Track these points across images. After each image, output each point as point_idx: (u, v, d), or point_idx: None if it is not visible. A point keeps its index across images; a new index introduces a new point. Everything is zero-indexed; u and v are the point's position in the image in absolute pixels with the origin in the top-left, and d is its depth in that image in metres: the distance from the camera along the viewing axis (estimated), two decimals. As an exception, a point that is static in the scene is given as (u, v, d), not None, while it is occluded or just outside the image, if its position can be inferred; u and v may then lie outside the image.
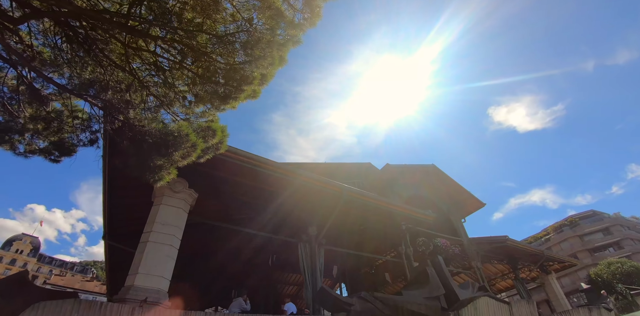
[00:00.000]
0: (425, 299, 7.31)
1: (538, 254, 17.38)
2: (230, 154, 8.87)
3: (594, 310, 12.99)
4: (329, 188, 10.45)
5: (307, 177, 9.92)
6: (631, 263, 21.16)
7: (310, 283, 9.77)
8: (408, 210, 11.96)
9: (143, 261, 7.14)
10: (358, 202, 11.13)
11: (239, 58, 5.64)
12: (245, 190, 11.04)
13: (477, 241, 16.50)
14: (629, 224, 46.43)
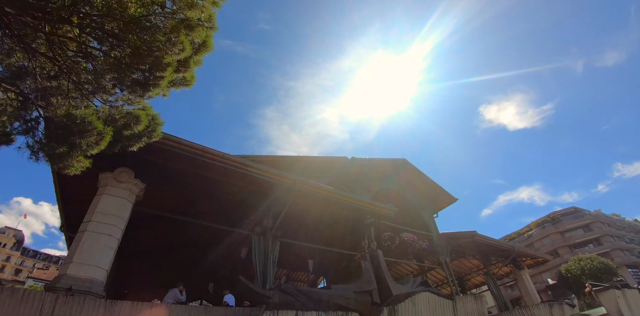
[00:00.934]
0: (354, 293, 6.95)
1: (509, 250, 17.11)
2: (172, 143, 8.46)
3: (555, 306, 12.71)
4: (281, 180, 10.09)
5: (256, 168, 9.52)
6: (600, 260, 20.95)
7: (260, 275, 9.47)
8: (369, 204, 11.56)
9: (78, 250, 6.87)
10: (313, 195, 10.75)
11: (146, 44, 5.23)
12: (202, 182, 10.65)
13: (446, 236, 16.17)
14: (609, 221, 46.51)
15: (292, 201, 10.32)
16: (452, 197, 17.43)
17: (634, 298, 13.84)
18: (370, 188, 15.30)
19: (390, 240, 14.06)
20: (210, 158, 9.10)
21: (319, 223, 13.31)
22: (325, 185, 11.76)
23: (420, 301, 7.74)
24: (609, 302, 12.61)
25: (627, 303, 13.18)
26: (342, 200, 10.98)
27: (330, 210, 12.40)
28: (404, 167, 16.33)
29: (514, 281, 21.23)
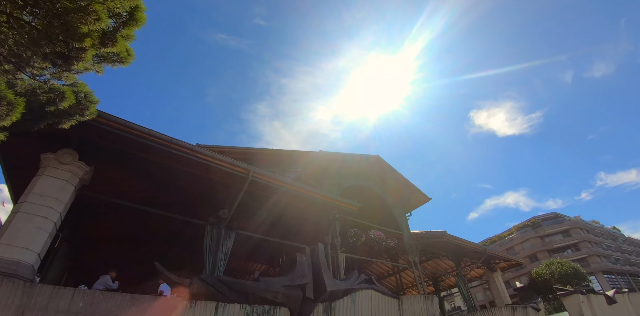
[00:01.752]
0: (284, 287, 6.40)
1: (480, 251, 16.70)
2: (113, 124, 7.88)
3: (519, 309, 12.29)
4: (235, 170, 9.54)
5: (206, 155, 8.94)
6: (571, 264, 20.72)
7: (210, 266, 8.95)
8: (329, 198, 11.02)
9: (8, 231, 6.38)
10: (270, 186, 10.20)
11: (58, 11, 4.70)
12: (158, 170, 10.08)
13: (417, 235, 15.71)
14: (587, 227, 46.60)
15: (249, 191, 9.83)
16: (425, 196, 16.98)
17: (599, 304, 13.48)
18: (341, 184, 14.78)
19: (355, 236, 13.56)
20: (159, 142, 8.52)
21: (281, 216, 12.76)
22: (292, 179, 11.25)
23: (361, 298, 7.22)
24: (572, 307, 12.23)
25: (592, 308, 12.80)
26: (299, 192, 10.43)
27: (294, 203, 11.87)
28: (377, 164, 15.84)
29: (486, 283, 20.82)
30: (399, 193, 16.86)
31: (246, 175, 9.62)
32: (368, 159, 15.43)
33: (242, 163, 9.86)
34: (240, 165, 9.70)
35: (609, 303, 14.12)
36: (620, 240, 53.50)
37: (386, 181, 16.40)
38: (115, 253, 15.90)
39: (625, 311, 14.75)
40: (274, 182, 10.24)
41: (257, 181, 9.96)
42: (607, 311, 13.68)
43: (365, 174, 15.87)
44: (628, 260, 50.05)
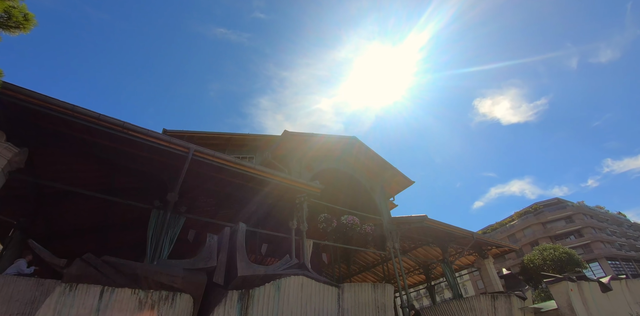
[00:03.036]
0: (185, 271, 5.24)
1: (467, 236, 15.33)
2: (31, 99, 7.00)
3: (501, 297, 10.98)
4: (173, 148, 8.44)
5: (140, 132, 7.91)
6: (564, 250, 19.18)
7: (151, 251, 7.97)
8: (287, 179, 9.82)
9: None
10: (217, 167, 9.08)
11: None
12: (102, 151, 9.07)
13: (397, 221, 14.42)
14: (591, 213, 44.61)
15: (198, 173, 9.11)
16: (407, 179, 15.64)
17: (592, 292, 12.08)
18: (312, 167, 13.53)
19: (326, 221, 12.34)
20: (84, 119, 7.71)
21: (242, 201, 11.60)
22: (257, 164, 10.10)
23: (289, 286, 6.05)
24: (559, 295, 10.88)
25: (582, 296, 11.42)
26: (250, 173, 9.26)
27: (254, 187, 10.72)
28: (355, 146, 14.51)
29: (478, 271, 19.48)
30: (378, 177, 15.55)
31: (186, 153, 8.62)
32: (343, 141, 14.11)
33: (181, 141, 8.83)
34: (179, 143, 8.67)
35: (603, 290, 12.71)
36: (626, 226, 51.37)
37: (364, 164, 15.08)
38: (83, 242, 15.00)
39: (621, 299, 13.32)
40: (217, 161, 9.13)
41: (200, 160, 8.92)
42: (601, 299, 12.28)
43: (341, 157, 14.58)
44: (633, 246, 48.01)
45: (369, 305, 6.99)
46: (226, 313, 5.71)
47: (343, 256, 22.08)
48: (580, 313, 10.63)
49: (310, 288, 6.44)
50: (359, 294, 6.98)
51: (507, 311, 11.09)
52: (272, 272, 6.09)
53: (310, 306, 6.31)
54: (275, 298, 6.04)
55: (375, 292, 7.17)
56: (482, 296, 10.52)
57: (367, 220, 14.56)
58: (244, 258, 6.00)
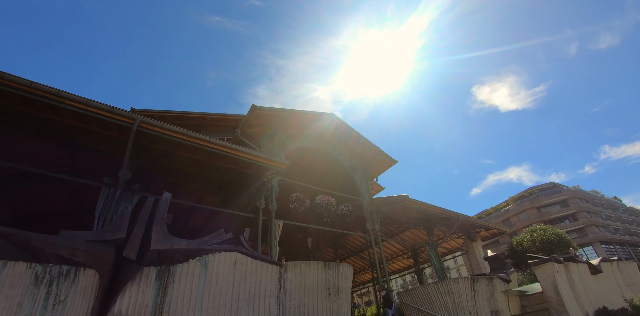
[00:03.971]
0: (88, 243, 4.31)
1: (453, 218, 14.39)
2: None
3: (482, 280, 10.08)
4: (117, 119, 7.49)
5: (78, 101, 7.05)
6: (554, 231, 18.22)
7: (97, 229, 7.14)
8: (246, 153, 8.81)
9: None
10: (163, 138, 8.12)
11: None
12: (48, 127, 8.17)
13: (378, 202, 13.47)
14: (586, 197, 43.61)
15: (150, 148, 8.43)
16: (390, 158, 14.62)
17: (581, 274, 11.18)
18: (286, 145, 12.51)
19: (297, 201, 11.39)
20: (15, 87, 6.66)
21: (204, 180, 10.65)
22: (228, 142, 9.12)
23: (218, 263, 5.16)
24: (544, 278, 9.97)
25: (570, 279, 10.52)
26: (203, 146, 8.30)
27: (218, 164, 9.76)
28: (333, 123, 13.44)
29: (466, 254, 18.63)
30: (358, 156, 14.53)
31: (131, 125, 7.62)
32: (320, 118, 13.03)
33: (126, 111, 7.81)
34: (123, 113, 7.70)
35: (593, 272, 11.81)
36: (621, 210, 50.42)
37: (344, 143, 14.05)
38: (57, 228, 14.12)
39: (612, 281, 12.43)
40: (167, 133, 8.14)
41: (147, 132, 7.94)
42: (590, 282, 11.38)
43: (318, 135, 13.53)
44: (628, 230, 47.17)
45: (318, 287, 6.09)
46: (141, 291, 4.82)
47: (329, 241, 21.27)
48: (566, 296, 9.74)
49: (246, 266, 5.53)
50: (307, 274, 6.08)
51: (488, 295, 10.21)
52: (197, 247, 5.16)
53: (244, 286, 5.42)
54: (201, 276, 5.14)
55: (326, 272, 6.26)
56: (460, 279, 9.61)
57: (347, 201, 13.62)
58: (162, 230, 5.07)
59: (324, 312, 5.99)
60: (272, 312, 5.58)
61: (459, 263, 46.71)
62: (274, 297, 5.70)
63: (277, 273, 5.86)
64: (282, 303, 5.73)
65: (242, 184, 10.80)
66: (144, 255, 4.74)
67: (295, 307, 5.82)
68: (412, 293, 10.13)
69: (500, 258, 12.61)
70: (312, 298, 5.99)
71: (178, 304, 5.03)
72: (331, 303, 6.15)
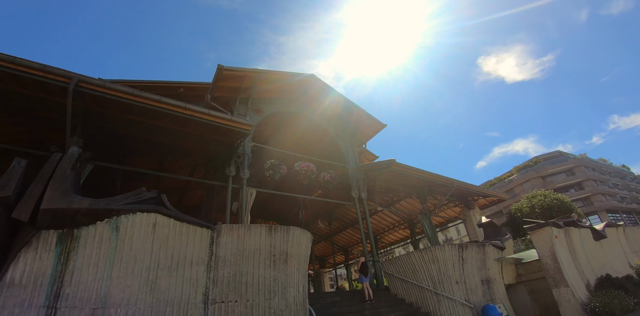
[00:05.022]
0: None
1: (446, 184, 13.20)
2: None
3: (471, 247, 9.03)
4: (51, 79, 6.44)
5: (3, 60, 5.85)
6: (555, 196, 16.87)
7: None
8: (207, 115, 7.70)
9: None
10: (118, 102, 7.13)
11: None
12: None
13: (365, 168, 12.32)
14: (593, 165, 41.74)
15: (103, 114, 7.57)
16: (378, 122, 13.33)
17: (583, 240, 10.03)
18: (261, 109, 11.30)
19: (273, 168, 10.30)
20: None
21: (166, 146, 9.60)
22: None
23: (134, 225, 4.22)
24: (541, 243, 8.85)
25: (570, 245, 9.39)
26: (153, 106, 7.22)
27: (181, 129, 8.68)
28: (314, 85, 12.10)
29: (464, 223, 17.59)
30: (344, 122, 13.25)
31: (67, 84, 6.52)
32: (299, 79, 11.67)
33: (60, 69, 6.70)
34: (57, 71, 6.60)
35: (596, 238, 10.65)
36: (629, 178, 48.46)
37: (327, 106, 12.74)
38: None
39: (617, 248, 11.28)
40: (111, 93, 7.03)
41: (87, 93, 6.85)
42: (592, 248, 10.25)
43: (298, 98, 12.25)
44: (636, 198, 45.46)
45: (261, 253, 5.11)
46: (38, 258, 3.91)
47: (324, 214, 20.38)
48: (565, 263, 8.65)
49: (168, 229, 4.54)
50: (246, 239, 5.08)
51: (479, 263, 9.19)
52: (103, 207, 4.14)
53: (166, 252, 4.46)
54: (111, 240, 4.18)
55: (271, 237, 5.24)
56: (446, 246, 8.56)
57: (331, 168, 12.51)
58: (60, 187, 4.07)
59: (266, 282, 5.04)
60: (199, 281, 4.63)
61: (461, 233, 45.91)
62: (203, 265, 4.74)
63: (208, 238, 4.87)
64: (213, 272, 4.78)
65: (214, 152, 9.75)
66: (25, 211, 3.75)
67: (230, 276, 4.86)
68: (396, 263, 9.16)
69: (495, 225, 11.51)
70: (252, 266, 5.03)
71: (83, 272, 4.12)
72: (276, 271, 5.18)
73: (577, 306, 7.83)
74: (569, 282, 8.21)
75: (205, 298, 4.65)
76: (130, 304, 4.18)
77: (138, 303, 4.23)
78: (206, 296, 4.66)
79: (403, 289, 8.91)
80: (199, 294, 4.63)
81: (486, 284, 9.08)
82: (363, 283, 8.46)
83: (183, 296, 4.53)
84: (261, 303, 4.88)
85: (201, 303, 4.59)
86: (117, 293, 4.17)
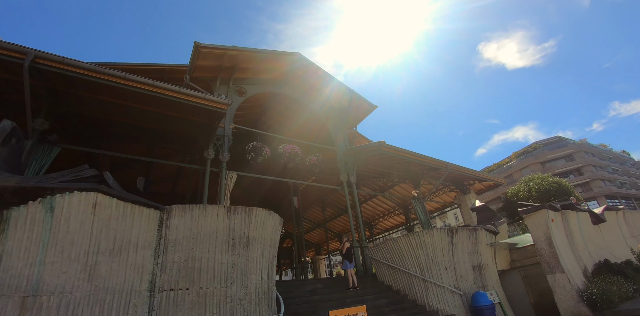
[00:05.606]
0: None
1: (439, 167, 12.54)
2: None
3: (462, 232, 8.43)
4: (5, 55, 5.83)
5: None
6: (553, 179, 16.16)
7: None
8: (177, 92, 7.03)
9: None
10: (86, 81, 6.53)
11: None
12: None
13: (354, 151, 11.65)
14: (593, 151, 40.83)
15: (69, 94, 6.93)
16: (369, 103, 12.57)
17: (581, 223, 9.41)
18: (244, 90, 10.57)
19: (255, 150, 9.66)
20: None
21: (152, 132, 8.97)
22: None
23: (70, 206, 3.73)
24: (537, 227, 8.23)
25: (567, 229, 8.78)
26: (120, 84, 6.57)
27: (156, 111, 8.05)
28: (300, 65, 11.30)
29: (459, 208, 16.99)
30: (333, 103, 12.50)
31: (22, 60, 5.89)
32: (284, 58, 10.89)
33: (15, 45, 6.07)
34: (10, 46, 6.00)
35: (595, 222, 10.03)
36: (629, 164, 47.56)
37: (314, 87, 11.99)
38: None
39: (616, 232, 10.66)
40: (72, 70, 6.41)
41: (48, 70, 6.23)
42: (591, 233, 9.64)
43: (284, 79, 11.49)
44: (635, 184, 44.69)
45: (217, 236, 4.54)
46: None
47: (318, 200, 19.83)
48: (561, 248, 8.05)
49: (110, 210, 3.97)
50: (201, 220, 4.50)
51: (470, 248, 8.61)
52: (35, 185, 3.57)
53: (107, 235, 3.90)
54: (45, 222, 3.64)
55: (230, 218, 4.66)
56: (435, 231, 7.96)
57: (320, 151, 11.87)
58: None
59: (223, 268, 4.47)
60: (145, 267, 4.07)
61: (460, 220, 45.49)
62: (150, 249, 4.18)
63: (156, 220, 4.29)
64: (162, 257, 4.22)
65: (195, 135, 9.09)
66: None
67: (182, 262, 4.30)
68: (382, 248, 8.59)
69: (489, 209, 10.90)
70: (208, 250, 4.45)
71: (12, 257, 3.59)
72: (235, 256, 4.61)
73: (573, 293, 7.27)
74: (564, 268, 7.62)
75: (151, 285, 4.10)
76: (66, 292, 3.66)
77: (74, 290, 3.70)
78: (153, 284, 4.12)
79: (390, 276, 8.37)
80: (145, 281, 4.09)
81: (477, 270, 8.52)
82: (347, 270, 7.91)
83: (126, 283, 3.99)
84: (216, 291, 4.33)
85: (146, 290, 4.05)
86: (51, 279, 3.64)
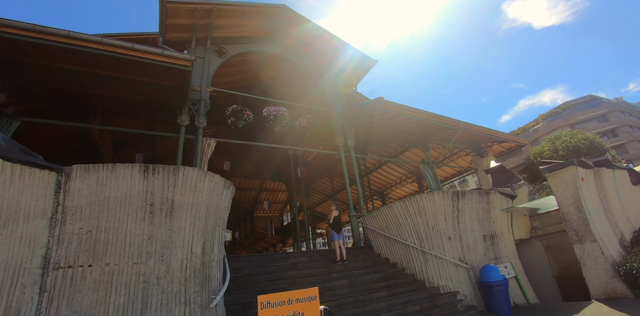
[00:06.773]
0: None
1: (450, 127, 10.79)
2: None
3: (470, 196, 6.99)
4: None
5: None
6: (584, 135, 13.72)
7: None
8: (125, 48, 5.82)
9: None
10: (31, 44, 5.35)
11: None
12: None
13: (351, 112, 10.16)
14: (630, 110, 36.52)
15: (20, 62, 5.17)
16: (368, 58, 10.88)
17: (617, 184, 7.67)
18: (225, 50, 9.17)
19: (235, 114, 8.41)
20: None
21: (125, 101, 7.90)
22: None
23: None
24: (562, 188, 6.62)
25: (602, 189, 7.10)
26: (66, 44, 5.47)
27: (133, 78, 6.99)
28: (287, 19, 9.67)
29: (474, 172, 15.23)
30: (327, 60, 10.86)
31: None
32: (267, 12, 9.26)
33: None
34: None
35: (634, 182, 8.23)
36: (671, 123, 42.51)
37: (304, 43, 10.38)
38: None
39: (661, 192, 8.76)
40: (8, 31, 5.33)
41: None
42: (630, 194, 7.89)
43: (269, 36, 9.93)
44: (677, 144, 40.08)
45: (131, 202, 3.47)
46: None
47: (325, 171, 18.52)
48: (592, 212, 6.46)
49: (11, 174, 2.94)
50: (109, 183, 3.43)
51: (481, 214, 7.18)
52: None
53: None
54: None
55: (148, 180, 3.55)
56: (436, 195, 6.54)
57: (313, 113, 10.49)
58: None
59: (136, 240, 3.44)
60: (38, 240, 3.11)
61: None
62: (45, 218, 3.19)
63: (52, 184, 3.26)
64: (60, 227, 3.23)
65: (170, 102, 7.93)
66: None
67: (84, 233, 3.29)
68: (377, 216, 7.33)
69: (506, 170, 9.27)
70: (118, 219, 3.41)
71: None
72: (154, 226, 3.54)
73: (607, 266, 5.78)
74: (596, 236, 6.09)
75: (45, 261, 3.13)
76: None
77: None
78: (47, 260, 3.15)
79: (386, 247, 7.15)
80: (37, 256, 3.11)
81: (490, 240, 7.13)
82: (335, 241, 6.77)
83: (13, 259, 3.03)
84: (126, 268, 3.31)
85: (38, 268, 3.08)
86: None
